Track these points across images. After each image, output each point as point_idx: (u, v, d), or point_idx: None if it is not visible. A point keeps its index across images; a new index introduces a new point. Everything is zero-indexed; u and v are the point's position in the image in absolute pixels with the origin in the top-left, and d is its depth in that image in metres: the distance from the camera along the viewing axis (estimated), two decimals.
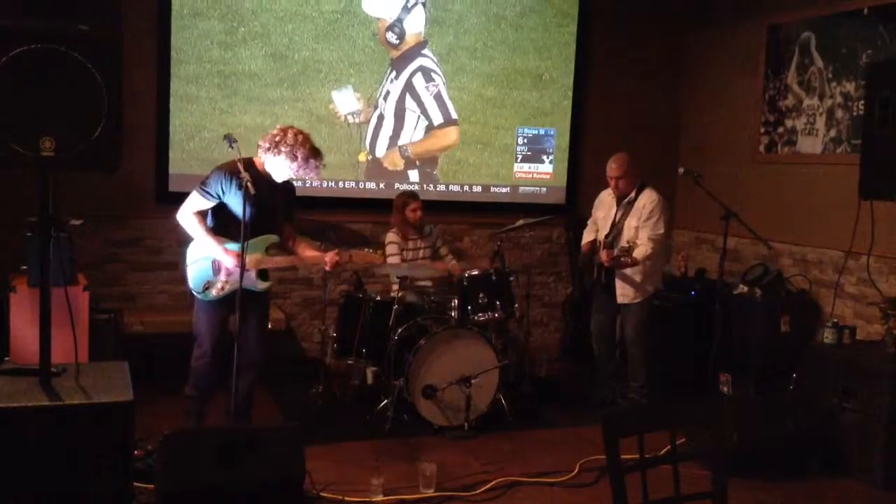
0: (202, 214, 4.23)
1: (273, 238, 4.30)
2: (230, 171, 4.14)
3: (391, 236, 5.68)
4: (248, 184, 3.89)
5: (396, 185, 6.28)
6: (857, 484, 4.48)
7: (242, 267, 3.96)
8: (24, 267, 4.70)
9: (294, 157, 4.16)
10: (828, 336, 4.88)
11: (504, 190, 6.73)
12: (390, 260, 5.58)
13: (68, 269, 4.22)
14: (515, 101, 6.68)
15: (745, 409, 4.77)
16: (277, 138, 4.18)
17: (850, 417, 4.58)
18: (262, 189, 4.09)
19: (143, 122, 5.69)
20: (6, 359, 4.43)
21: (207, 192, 4.17)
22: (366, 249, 4.46)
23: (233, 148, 4.03)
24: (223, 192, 4.16)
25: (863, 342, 4.99)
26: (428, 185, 6.48)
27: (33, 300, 4.05)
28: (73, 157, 2.97)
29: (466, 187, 6.63)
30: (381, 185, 6.36)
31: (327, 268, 4.43)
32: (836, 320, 5.03)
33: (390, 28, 6.26)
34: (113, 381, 3.11)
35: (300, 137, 4.19)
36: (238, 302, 4.03)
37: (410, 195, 5.72)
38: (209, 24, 5.82)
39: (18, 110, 2.90)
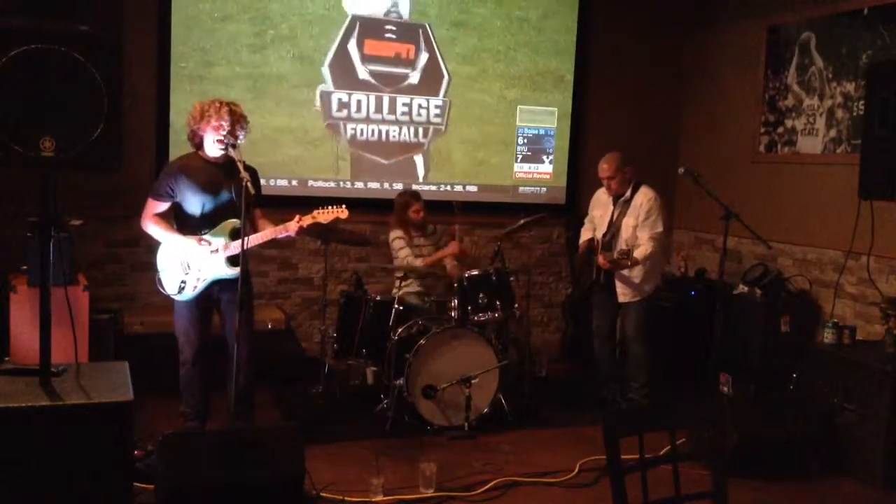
0: (163, 217, 4.33)
1: (235, 222, 4.26)
2: (175, 168, 4.32)
3: (396, 232, 5.66)
4: (248, 183, 3.93)
5: (386, 184, 6.30)
6: (857, 484, 4.48)
7: (243, 263, 4.00)
8: (24, 267, 4.71)
9: (215, 127, 4.18)
10: (828, 336, 4.88)
11: (504, 190, 6.74)
12: (401, 253, 5.55)
13: (68, 269, 4.21)
14: (538, 102, 6.74)
15: (745, 409, 4.77)
16: (191, 123, 4.26)
17: (850, 417, 4.58)
18: (212, 177, 4.24)
19: (144, 122, 5.69)
20: (6, 359, 4.43)
21: (159, 194, 4.30)
22: (331, 208, 4.42)
23: (235, 148, 4.16)
24: (172, 191, 4.27)
25: (863, 342, 4.98)
26: (427, 185, 6.49)
27: (33, 300, 4.06)
28: (73, 157, 2.97)
29: (466, 187, 6.64)
30: (380, 185, 6.37)
31: (293, 234, 4.37)
32: (836, 320, 5.03)
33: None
34: (113, 381, 3.11)
35: (203, 105, 4.24)
36: (239, 298, 4.04)
37: (413, 195, 5.71)
38: (239, 28, 5.88)
39: (18, 110, 2.90)
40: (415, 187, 6.16)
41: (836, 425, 4.63)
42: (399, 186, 6.28)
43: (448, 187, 6.54)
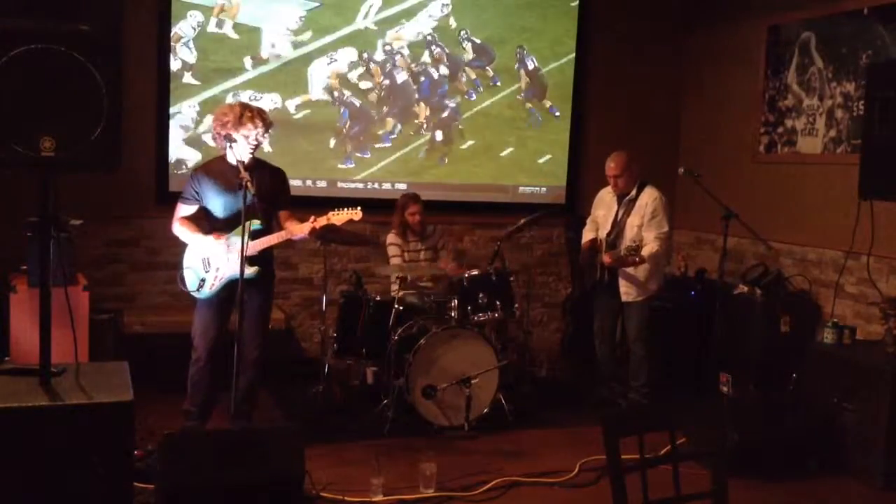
0: (192, 220, 4.41)
1: (255, 223, 4.27)
2: (198, 172, 4.44)
3: (392, 237, 5.68)
4: (248, 183, 3.96)
5: (393, 185, 6.30)
6: (857, 484, 4.48)
7: (242, 263, 4.01)
8: (24, 267, 4.71)
9: (247, 126, 4.20)
10: (828, 336, 4.88)
11: (504, 190, 6.74)
12: (392, 261, 5.58)
13: (68, 269, 4.22)
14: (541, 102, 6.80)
15: (745, 409, 4.77)
16: (225, 121, 4.24)
17: (850, 417, 4.58)
18: (234, 179, 4.23)
19: (143, 122, 5.69)
20: (6, 359, 4.44)
21: (185, 198, 4.42)
22: (345, 210, 4.44)
23: (231, 147, 4.22)
24: (198, 194, 4.36)
25: (863, 342, 4.99)
26: (427, 186, 6.49)
27: (33, 300, 4.04)
28: (73, 157, 2.97)
29: (466, 187, 6.65)
30: (380, 185, 6.37)
31: (307, 235, 4.42)
32: (836, 320, 5.03)
33: None
34: (113, 381, 3.11)
35: (236, 110, 4.26)
36: (238, 300, 4.05)
37: (411, 197, 5.71)
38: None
39: (18, 110, 2.90)
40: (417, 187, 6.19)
41: (836, 425, 4.62)
42: (402, 187, 6.30)
43: (454, 188, 6.57)
